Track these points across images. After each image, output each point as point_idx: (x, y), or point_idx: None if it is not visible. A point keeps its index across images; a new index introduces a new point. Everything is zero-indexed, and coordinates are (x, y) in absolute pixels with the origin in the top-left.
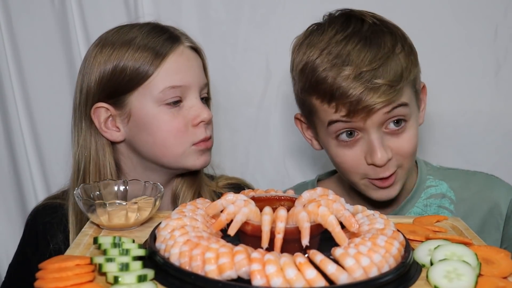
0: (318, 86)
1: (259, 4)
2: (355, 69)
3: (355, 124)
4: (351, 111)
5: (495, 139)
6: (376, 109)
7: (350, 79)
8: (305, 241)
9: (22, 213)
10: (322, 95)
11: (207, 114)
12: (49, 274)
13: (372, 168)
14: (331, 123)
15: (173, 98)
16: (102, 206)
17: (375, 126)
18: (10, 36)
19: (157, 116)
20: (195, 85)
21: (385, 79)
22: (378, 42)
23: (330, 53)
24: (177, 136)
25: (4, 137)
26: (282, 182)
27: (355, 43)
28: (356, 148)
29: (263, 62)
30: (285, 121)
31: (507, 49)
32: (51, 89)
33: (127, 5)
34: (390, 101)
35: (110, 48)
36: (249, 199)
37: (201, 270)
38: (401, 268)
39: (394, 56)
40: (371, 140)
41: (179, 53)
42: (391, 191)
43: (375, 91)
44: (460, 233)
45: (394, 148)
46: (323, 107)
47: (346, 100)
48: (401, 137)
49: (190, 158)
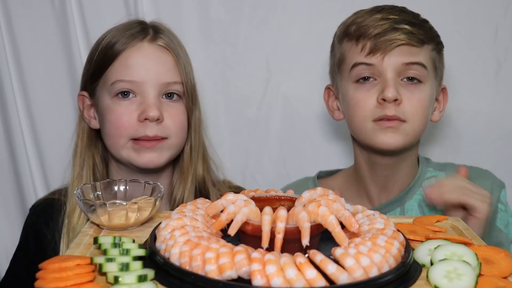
0: (350, 27)
1: (259, 4)
2: (385, 15)
3: (375, 67)
4: (373, 46)
5: (495, 139)
6: (394, 46)
7: (377, 20)
8: (305, 241)
9: (22, 213)
10: (352, 34)
11: (153, 112)
12: (49, 274)
13: (381, 106)
14: (354, 65)
15: (120, 90)
16: (102, 206)
17: (392, 69)
18: (10, 36)
19: (109, 107)
20: (150, 82)
21: (409, 26)
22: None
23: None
24: (119, 128)
25: (4, 137)
26: (282, 182)
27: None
28: (372, 91)
29: (263, 62)
30: (285, 121)
31: (507, 49)
32: (51, 89)
33: (127, 5)
34: (409, 43)
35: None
36: (249, 199)
37: (201, 270)
38: (401, 268)
39: (423, 23)
40: (386, 79)
41: (136, 49)
42: (394, 137)
43: (397, 30)
44: (460, 233)
45: (405, 97)
46: (351, 49)
47: (370, 36)
48: (414, 92)
49: (130, 153)
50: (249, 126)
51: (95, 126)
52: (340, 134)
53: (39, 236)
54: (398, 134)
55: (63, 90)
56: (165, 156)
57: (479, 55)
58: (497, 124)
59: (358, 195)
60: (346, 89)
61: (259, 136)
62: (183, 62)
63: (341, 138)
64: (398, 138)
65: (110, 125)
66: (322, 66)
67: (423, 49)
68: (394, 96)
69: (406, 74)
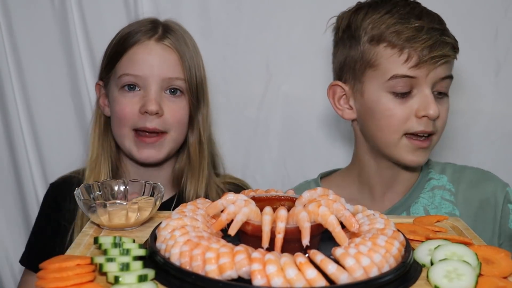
0: (390, 34)
1: (259, 5)
2: (427, 24)
3: (416, 78)
4: (421, 59)
5: (495, 139)
6: (440, 63)
7: (423, 30)
8: (305, 241)
9: (22, 213)
10: (395, 41)
11: (152, 106)
12: (50, 274)
13: (420, 121)
14: (395, 76)
15: (125, 83)
16: (102, 206)
17: (430, 84)
18: (10, 36)
19: (116, 98)
20: (152, 77)
21: (451, 39)
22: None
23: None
24: (122, 118)
25: (4, 137)
26: (282, 182)
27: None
28: (409, 103)
29: (263, 63)
30: (285, 122)
31: (507, 49)
32: (51, 89)
33: (127, 5)
34: (451, 59)
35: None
36: (250, 199)
37: (201, 270)
38: (402, 268)
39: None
40: (427, 94)
41: (143, 46)
42: (423, 156)
43: (445, 45)
44: (460, 233)
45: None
46: (392, 57)
47: (419, 47)
48: (442, 104)
49: (131, 146)
50: (249, 126)
51: (108, 113)
52: (340, 134)
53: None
54: (427, 152)
55: (63, 90)
56: (164, 152)
57: (479, 55)
58: (497, 124)
59: (358, 194)
60: (377, 96)
61: (259, 136)
62: (187, 61)
63: (341, 138)
64: (426, 156)
65: (115, 115)
66: (322, 66)
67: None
68: (437, 114)
69: (439, 88)
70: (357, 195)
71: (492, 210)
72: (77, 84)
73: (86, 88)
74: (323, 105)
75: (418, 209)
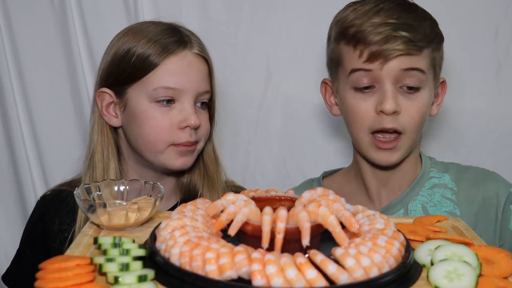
0: (347, 30)
1: (259, 4)
2: (383, 19)
3: (373, 73)
4: (372, 55)
5: (496, 140)
6: (393, 56)
7: (376, 25)
8: (305, 241)
9: (22, 213)
10: (350, 38)
11: (194, 120)
12: (49, 274)
13: (379, 117)
14: (353, 71)
15: (164, 97)
16: (102, 206)
17: (391, 78)
18: (10, 36)
19: (147, 111)
20: (190, 90)
21: (408, 33)
22: (409, 9)
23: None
24: (160, 133)
25: (4, 137)
26: (282, 182)
27: (389, 4)
28: (371, 99)
29: (263, 63)
30: (285, 122)
31: (507, 49)
32: (51, 89)
33: (126, 6)
34: (407, 52)
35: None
36: (250, 199)
37: (201, 270)
38: (402, 268)
39: (422, 23)
40: (385, 89)
41: (181, 57)
42: (391, 156)
43: (396, 39)
44: (461, 233)
45: (404, 107)
46: (348, 53)
47: (369, 43)
48: (412, 100)
49: (169, 157)
50: (249, 126)
51: (116, 124)
52: (340, 134)
53: (46, 228)
54: (396, 152)
55: (63, 90)
56: (193, 159)
57: (480, 55)
58: (497, 124)
59: (357, 192)
60: (344, 93)
61: (259, 136)
62: (213, 72)
63: (341, 138)
64: (397, 156)
65: (151, 130)
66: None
67: (422, 55)
68: (393, 109)
69: (405, 82)
70: (357, 193)
71: (493, 210)
72: (77, 84)
73: (86, 88)
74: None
75: (416, 206)
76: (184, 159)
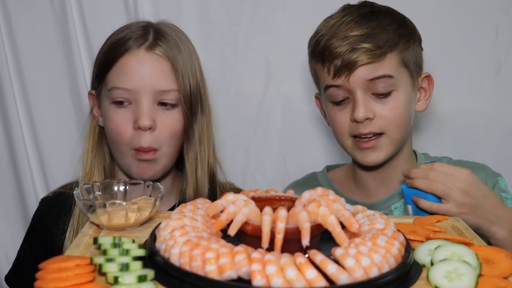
0: (316, 49)
1: (259, 4)
2: (344, 33)
3: (343, 86)
4: (337, 69)
5: (496, 140)
6: (355, 67)
7: (339, 40)
8: (305, 241)
9: (22, 214)
10: (318, 56)
11: (145, 122)
12: (49, 274)
13: (355, 124)
14: (326, 87)
15: (117, 98)
16: (102, 206)
17: (360, 87)
18: (10, 36)
19: (107, 112)
20: (143, 90)
21: (368, 43)
22: (372, 18)
23: (329, 24)
24: (118, 135)
25: (4, 137)
26: (282, 182)
27: (352, 17)
28: (346, 109)
29: (263, 63)
30: (285, 122)
31: (507, 49)
32: (51, 89)
33: (126, 6)
34: (370, 61)
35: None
36: (249, 199)
37: (201, 270)
38: (402, 268)
39: (383, 30)
40: (356, 99)
41: (132, 56)
42: (374, 155)
43: (357, 51)
44: (461, 233)
45: (377, 112)
46: (320, 71)
47: (333, 59)
48: (385, 103)
49: (130, 162)
50: (249, 126)
51: (102, 124)
52: None
53: (46, 230)
54: (378, 151)
55: (63, 90)
56: (161, 167)
57: (480, 55)
58: (497, 124)
59: (356, 190)
60: (326, 106)
61: (259, 136)
62: (181, 69)
63: None
64: (379, 154)
65: (112, 132)
66: None
67: (386, 60)
68: (364, 117)
69: (374, 90)
70: (356, 191)
71: None
72: (77, 84)
73: (86, 89)
74: None
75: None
76: (145, 168)
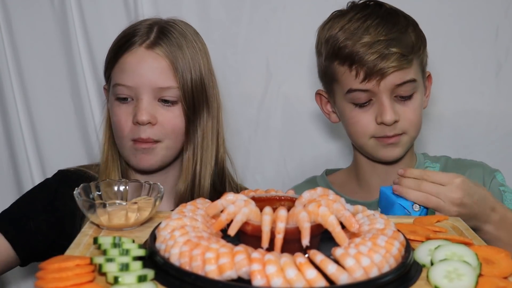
0: (340, 51)
1: (259, 5)
2: (373, 38)
3: (370, 90)
4: (368, 74)
5: (496, 140)
6: (388, 73)
7: (368, 45)
8: (305, 241)
9: None
10: (344, 59)
11: (142, 117)
12: (49, 274)
13: (381, 127)
14: (350, 91)
15: (119, 95)
16: (102, 206)
17: (387, 91)
18: (10, 36)
19: (112, 107)
20: (143, 87)
21: (398, 48)
22: (393, 21)
23: (351, 27)
24: (120, 130)
25: (4, 137)
26: (282, 182)
27: (373, 19)
28: (370, 111)
29: (263, 63)
30: (285, 122)
31: (507, 49)
32: (51, 89)
33: (126, 6)
34: (401, 67)
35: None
36: (249, 199)
37: (201, 270)
38: (402, 268)
39: (406, 33)
40: (383, 103)
41: (132, 53)
42: (395, 150)
43: (389, 58)
44: (461, 233)
45: (401, 113)
46: (345, 74)
47: (364, 64)
48: (407, 105)
49: (130, 153)
50: (249, 126)
51: None
52: (340, 134)
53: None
54: (399, 147)
55: (63, 90)
56: (158, 158)
57: (480, 55)
58: (497, 124)
59: (357, 189)
60: (342, 106)
61: (259, 136)
62: (181, 68)
63: (341, 138)
64: (399, 150)
65: (115, 126)
66: None
67: (412, 65)
68: (393, 120)
69: (399, 93)
70: (358, 190)
71: None
72: (77, 84)
73: (86, 88)
74: None
75: None
76: (144, 157)
